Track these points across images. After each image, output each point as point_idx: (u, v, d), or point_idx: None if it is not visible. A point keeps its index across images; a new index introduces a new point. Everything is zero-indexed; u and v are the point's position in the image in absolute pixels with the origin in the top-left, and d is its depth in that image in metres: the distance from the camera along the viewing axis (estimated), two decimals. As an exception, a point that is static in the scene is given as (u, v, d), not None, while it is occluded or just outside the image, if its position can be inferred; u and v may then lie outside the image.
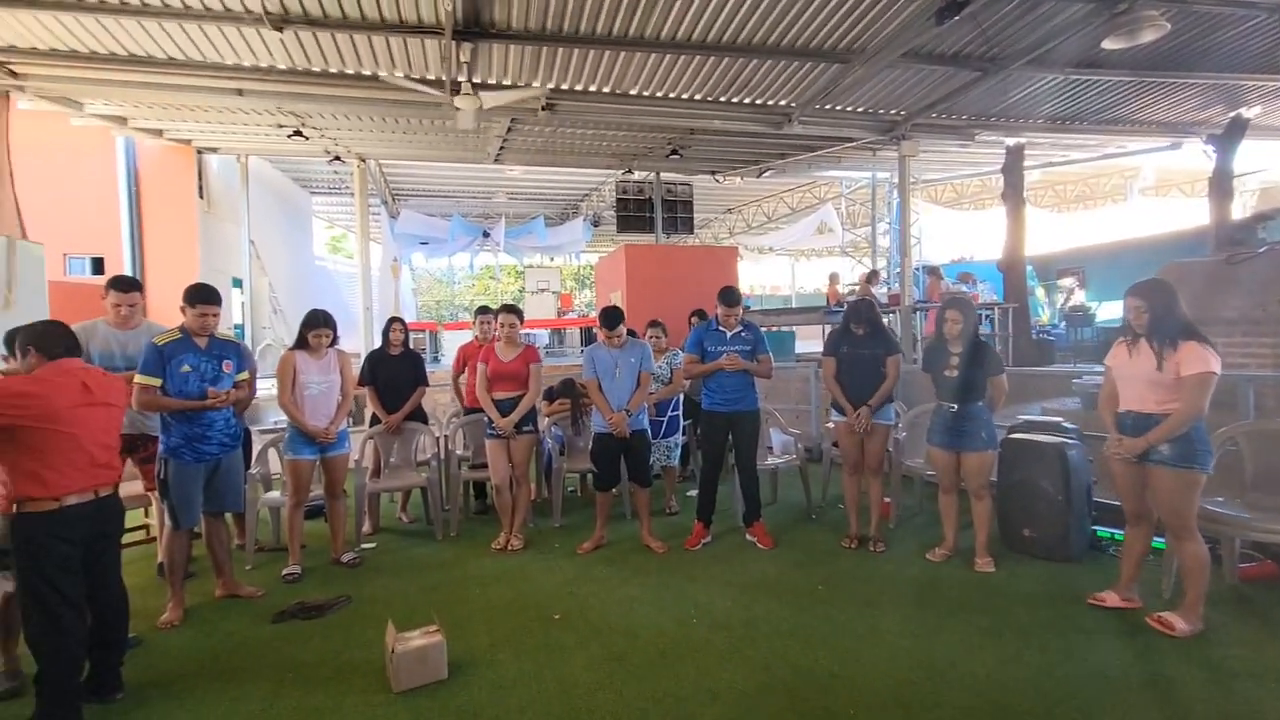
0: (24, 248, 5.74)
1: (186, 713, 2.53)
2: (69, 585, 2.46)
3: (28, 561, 2.43)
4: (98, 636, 2.59)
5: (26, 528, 2.43)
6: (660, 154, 9.60)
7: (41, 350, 2.55)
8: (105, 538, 2.67)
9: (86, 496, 2.52)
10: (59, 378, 2.51)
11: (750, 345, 4.14)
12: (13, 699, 2.64)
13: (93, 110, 7.81)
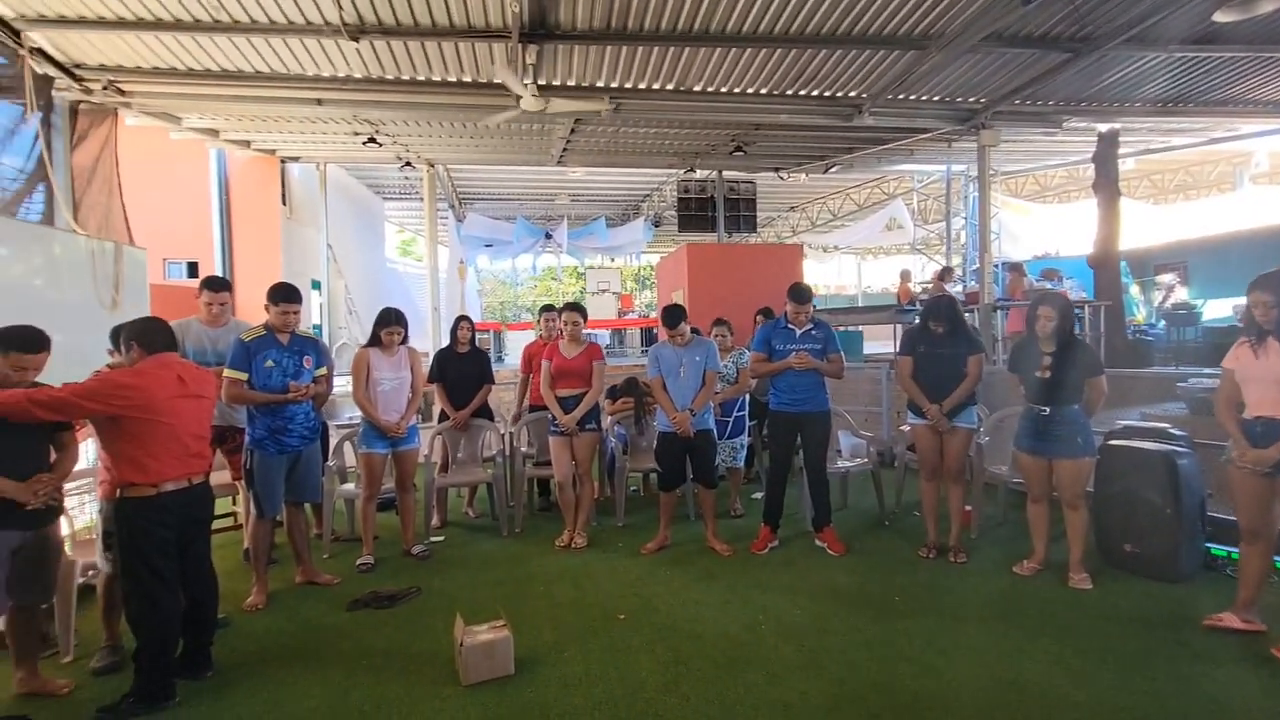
0: (129, 253, 6.18)
1: (269, 694, 2.62)
2: (166, 567, 2.60)
3: (129, 544, 2.58)
4: (190, 616, 2.73)
5: (128, 512, 2.58)
6: (723, 151, 9.47)
7: (143, 345, 2.71)
8: (198, 523, 2.81)
9: (182, 484, 2.65)
10: (158, 370, 2.66)
11: (821, 344, 4.00)
12: (113, 673, 2.82)
13: (189, 124, 8.34)
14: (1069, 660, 2.69)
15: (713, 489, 4.16)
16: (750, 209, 11.19)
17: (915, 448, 4.01)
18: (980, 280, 8.24)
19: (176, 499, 2.63)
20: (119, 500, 2.60)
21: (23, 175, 5.85)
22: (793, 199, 16.52)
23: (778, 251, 10.87)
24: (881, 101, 7.23)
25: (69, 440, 2.73)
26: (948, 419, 3.75)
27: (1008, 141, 9.25)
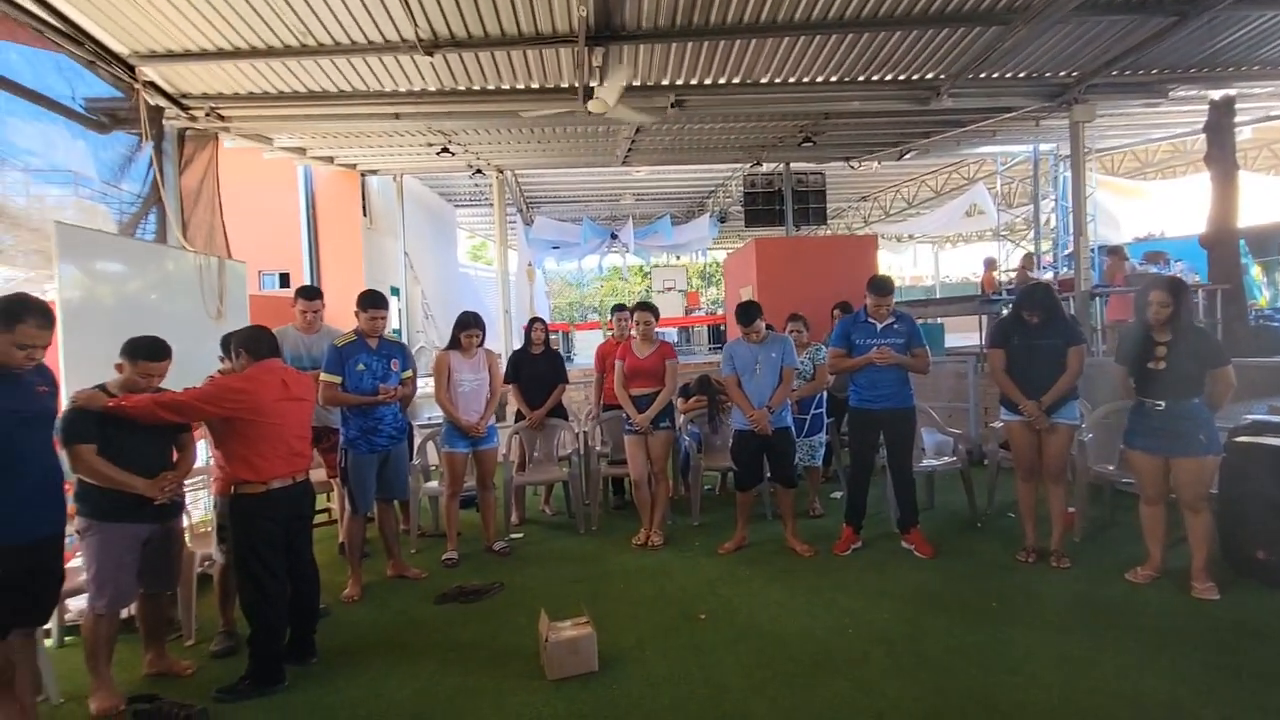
0: (231, 266, 6.65)
1: (368, 681, 2.75)
2: (274, 559, 2.77)
3: (241, 537, 2.76)
4: (295, 606, 2.89)
5: (240, 507, 2.77)
6: (791, 143, 9.25)
7: (250, 352, 2.89)
8: (301, 518, 2.98)
9: (287, 481, 2.82)
10: (264, 375, 2.84)
11: (904, 338, 3.83)
12: (229, 656, 3.03)
13: (280, 144, 8.89)
14: (1195, 675, 2.46)
15: (792, 488, 4.07)
16: (820, 200, 10.89)
17: (1010, 445, 3.78)
18: (1075, 266, 7.69)
19: (283, 495, 2.80)
20: (232, 496, 2.79)
21: (139, 199, 6.38)
22: (864, 188, 15.97)
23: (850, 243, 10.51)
24: (961, 82, 6.87)
25: (188, 441, 2.96)
26: (1046, 415, 3.51)
27: (1104, 116, 8.60)
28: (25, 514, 2.22)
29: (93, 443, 2.60)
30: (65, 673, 2.86)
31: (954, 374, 6.48)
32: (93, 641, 2.67)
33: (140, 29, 5.32)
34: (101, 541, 2.65)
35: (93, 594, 2.66)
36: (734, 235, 17.61)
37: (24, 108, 5.10)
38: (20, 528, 2.19)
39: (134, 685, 2.78)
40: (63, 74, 5.51)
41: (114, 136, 6.09)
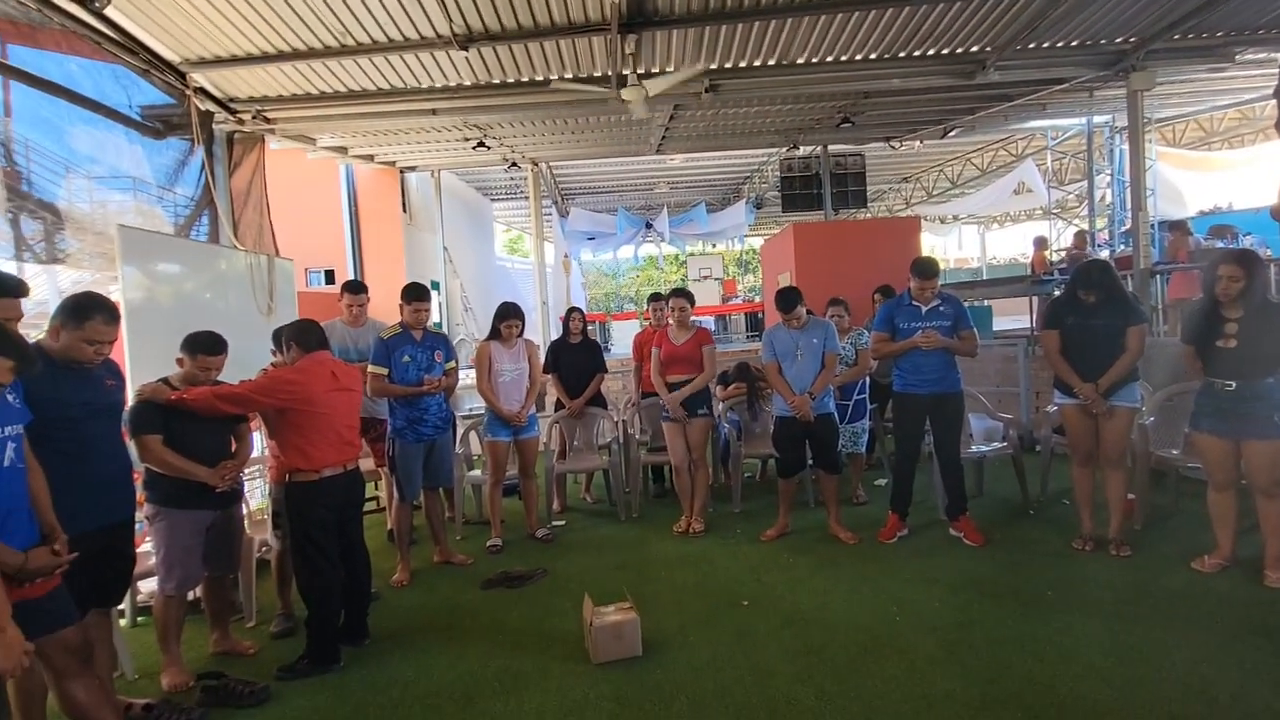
0: (279, 264, 6.87)
1: (419, 662, 2.83)
2: (327, 544, 2.87)
3: (296, 523, 2.86)
4: (348, 588, 2.99)
5: (295, 495, 2.87)
6: (829, 125, 9.04)
7: (300, 345, 2.99)
8: (352, 505, 3.07)
9: (337, 469, 2.91)
10: (315, 367, 2.92)
11: (950, 320, 3.71)
12: (288, 637, 3.15)
13: (323, 144, 9.12)
14: (1269, 668, 2.34)
15: (835, 475, 4.01)
16: (859, 183, 10.63)
17: (1064, 430, 3.64)
18: (1134, 243, 7.34)
19: (335, 483, 2.89)
20: (287, 485, 2.89)
21: (193, 201, 6.63)
22: (906, 169, 15.53)
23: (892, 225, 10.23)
24: (1009, 54, 6.58)
25: (245, 431, 3.07)
26: (1104, 398, 3.36)
27: (1164, 83, 8.14)
28: (98, 501, 2.34)
29: (158, 433, 2.72)
30: (139, 651, 3.02)
31: (1003, 358, 6.27)
32: (163, 621, 2.81)
33: (190, 36, 5.50)
34: (169, 527, 2.78)
35: (162, 576, 2.80)
36: (771, 221, 17.36)
37: (86, 117, 5.33)
38: (93, 514, 2.30)
39: (201, 663, 2.92)
40: (119, 83, 5.74)
41: (168, 142, 6.33)
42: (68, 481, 2.16)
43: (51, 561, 1.89)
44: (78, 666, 2.00)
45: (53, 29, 4.73)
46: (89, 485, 2.29)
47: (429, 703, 2.50)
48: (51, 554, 1.90)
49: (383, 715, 2.44)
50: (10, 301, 1.91)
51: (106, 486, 2.38)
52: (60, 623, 1.96)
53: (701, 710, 2.32)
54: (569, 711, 2.37)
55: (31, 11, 4.53)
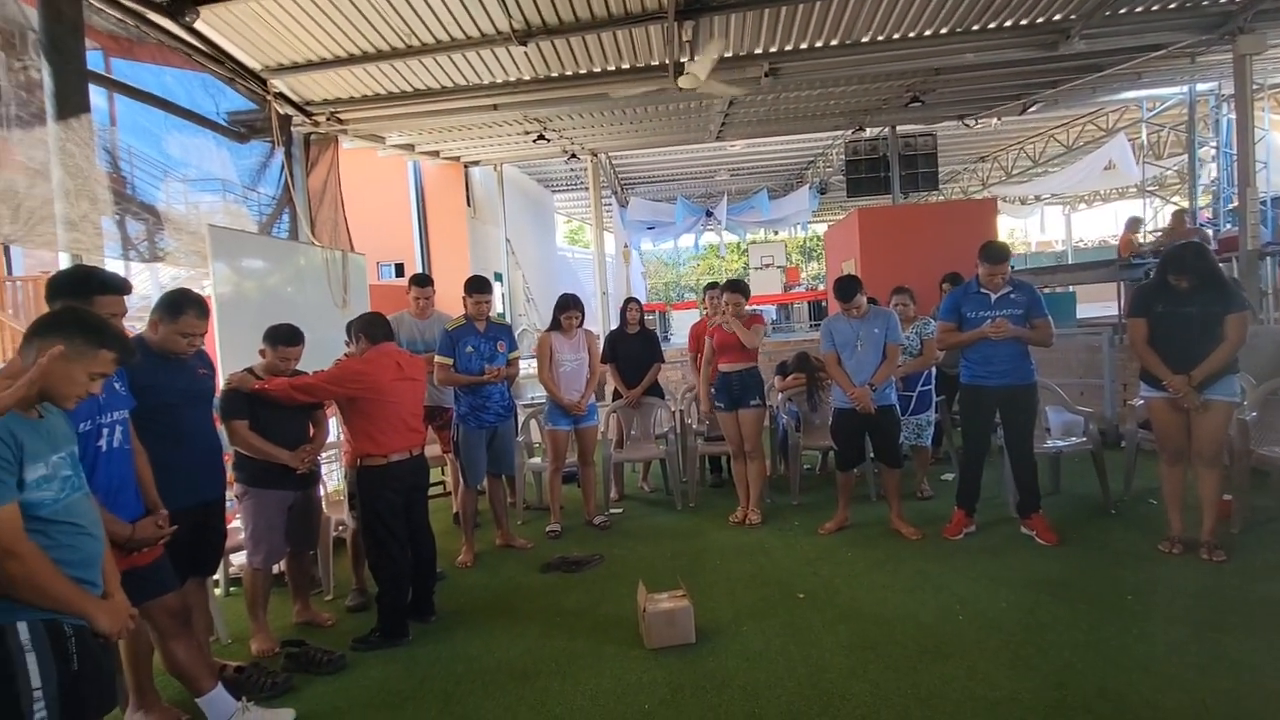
0: (353, 259, 7.22)
1: (482, 639, 2.95)
2: (397, 525, 3.03)
3: (367, 505, 3.03)
4: (415, 568, 3.15)
5: (365, 478, 3.03)
6: (897, 104, 8.67)
7: (368, 336, 3.15)
8: (418, 489, 3.23)
9: (404, 455, 3.06)
10: (381, 358, 3.08)
11: (1023, 308, 3.52)
12: (362, 611, 3.35)
13: (391, 142, 9.48)
14: (1386, 691, 2.13)
15: (897, 469, 3.90)
16: (930, 164, 10.17)
17: (1152, 425, 3.40)
18: (1240, 222, 6.72)
19: (401, 467, 3.04)
20: (359, 469, 3.07)
21: (273, 201, 7.05)
22: (981, 148, 14.73)
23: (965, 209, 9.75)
24: (1096, 21, 6.13)
25: (321, 418, 3.27)
26: (1197, 392, 3.12)
27: (1276, 46, 7.40)
28: (193, 480, 2.54)
29: (245, 419, 2.94)
30: (231, 618, 3.29)
31: (1086, 347, 5.90)
32: (251, 592, 3.05)
33: (270, 45, 5.82)
34: (256, 505, 3.00)
35: (250, 550, 3.03)
36: (835, 207, 16.88)
37: (179, 124, 5.74)
38: (189, 492, 2.51)
39: (285, 632, 3.14)
40: (208, 92, 6.15)
41: (251, 145, 6.73)
42: (166, 462, 2.37)
43: (155, 533, 2.09)
44: (179, 629, 2.21)
45: (150, 43, 5.11)
46: (185, 466, 2.50)
47: (490, 679, 2.61)
48: (155, 527, 2.10)
49: (447, 688, 2.56)
50: (115, 299, 2.10)
51: (200, 467, 2.59)
52: (163, 589, 2.16)
53: (754, 699, 2.33)
54: (623, 693, 2.43)
55: (131, 28, 4.91)
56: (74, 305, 1.80)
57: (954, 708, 2.20)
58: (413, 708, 2.45)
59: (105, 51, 5.00)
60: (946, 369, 4.56)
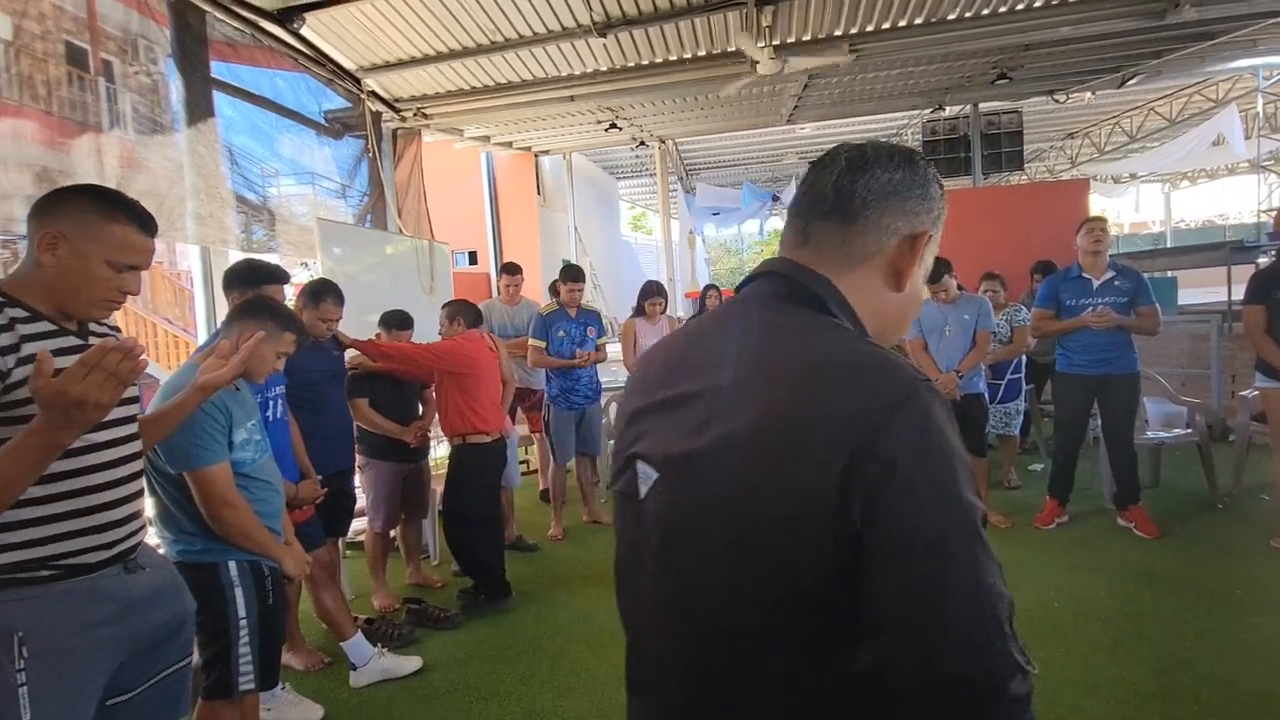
0: (437, 248, 7.60)
1: (579, 607, 3.16)
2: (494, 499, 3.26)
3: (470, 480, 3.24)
4: None
5: (472, 454, 3.24)
6: (981, 82, 8.34)
7: (464, 319, 3.37)
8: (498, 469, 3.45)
9: (496, 434, 3.29)
10: (476, 340, 3.30)
11: (1127, 295, 3.41)
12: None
13: (469, 135, 9.83)
14: None
15: (982, 458, 3.86)
16: (1015, 143, 9.71)
17: (1268, 418, 3.25)
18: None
19: (498, 444, 3.27)
20: (463, 445, 3.30)
21: (365, 194, 7.49)
22: (1072, 124, 13.88)
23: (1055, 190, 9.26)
24: (1209, -16, 5.73)
25: (429, 397, 3.54)
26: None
27: None
28: (330, 450, 2.83)
29: (366, 397, 3.23)
30: (351, 577, 3.62)
31: (1191, 336, 5.59)
32: (373, 554, 3.35)
33: (365, 45, 6.17)
34: (376, 474, 3.29)
35: (371, 516, 3.33)
36: (909, 189, 16.30)
37: (286, 124, 6.19)
38: (327, 461, 2.80)
39: (400, 591, 3.44)
40: (310, 92, 6.58)
41: (345, 141, 7.15)
42: (309, 434, 2.66)
43: (314, 492, 2.37)
44: (327, 580, 2.50)
45: (261, 49, 5.53)
46: (324, 437, 2.79)
47: (592, 639, 2.80)
48: (312, 488, 2.38)
49: (553, 647, 2.78)
50: (277, 287, 2.37)
51: (336, 438, 2.88)
52: (316, 543, 2.45)
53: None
54: (719, 660, 2.57)
55: (246, 35, 5.34)
56: (263, 295, 2.06)
57: (1053, 691, 2.23)
58: (525, 661, 2.67)
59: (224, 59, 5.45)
60: (1037, 357, 4.45)
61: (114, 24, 5.59)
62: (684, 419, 0.71)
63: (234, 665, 1.72)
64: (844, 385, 0.63)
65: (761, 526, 0.62)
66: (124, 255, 1.22)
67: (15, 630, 1.13)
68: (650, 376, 0.82)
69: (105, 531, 1.23)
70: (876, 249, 0.74)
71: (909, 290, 0.76)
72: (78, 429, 1.02)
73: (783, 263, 0.77)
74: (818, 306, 0.72)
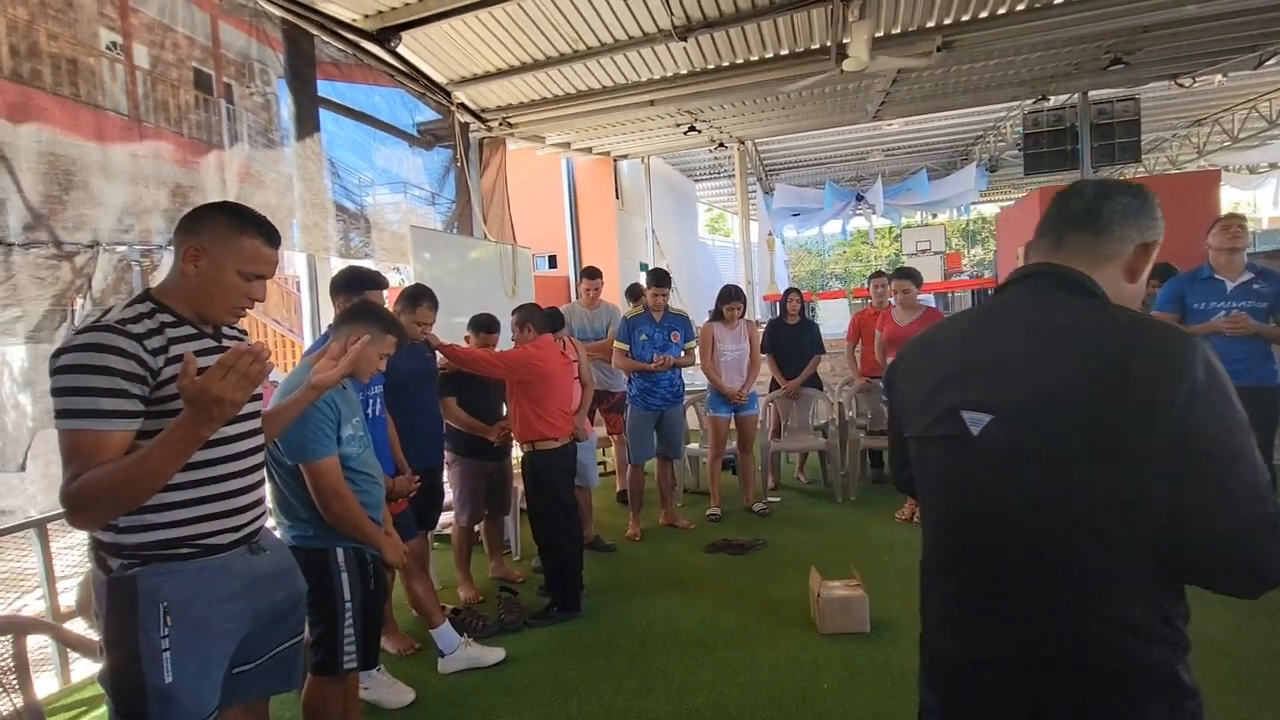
0: (519, 252, 7.85)
1: (657, 608, 3.17)
2: (571, 504, 3.30)
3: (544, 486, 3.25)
4: None
5: (543, 461, 3.25)
6: (1092, 68, 7.73)
7: (534, 325, 3.42)
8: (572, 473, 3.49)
9: (567, 439, 3.32)
10: (547, 347, 3.34)
11: (1268, 300, 3.06)
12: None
13: (551, 141, 10.09)
14: None
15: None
16: (1130, 133, 8.95)
17: None
18: None
19: (568, 449, 3.33)
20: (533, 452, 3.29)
21: (453, 201, 7.84)
22: (1198, 110, 12.63)
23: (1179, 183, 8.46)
24: (1369, -52, 5.08)
25: (510, 398, 3.65)
26: None
27: None
28: (422, 447, 2.98)
29: (453, 396, 3.37)
30: (438, 569, 3.78)
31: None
32: (459, 547, 3.50)
33: (455, 60, 6.46)
34: (462, 471, 3.44)
35: (457, 510, 3.48)
36: (1007, 185, 15.40)
37: (383, 137, 6.57)
38: (420, 457, 2.94)
39: (483, 584, 3.57)
40: (404, 106, 6.97)
41: (436, 151, 7.51)
42: (404, 431, 2.80)
43: (409, 485, 2.50)
44: (419, 570, 2.63)
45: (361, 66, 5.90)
46: (418, 434, 2.93)
47: (670, 642, 2.81)
48: (408, 482, 2.51)
49: (633, 647, 2.80)
50: (378, 293, 2.52)
51: (428, 436, 3.03)
52: (410, 535, 2.58)
53: (937, 695, 2.31)
54: (801, 671, 2.51)
55: (349, 55, 5.72)
56: (366, 300, 2.20)
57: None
58: (604, 659, 2.71)
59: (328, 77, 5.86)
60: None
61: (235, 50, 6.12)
62: (1003, 377, 0.98)
63: (339, 645, 1.85)
64: (1143, 336, 0.90)
65: (1090, 443, 0.88)
66: (253, 266, 1.35)
67: (161, 601, 1.27)
68: (943, 352, 1.10)
69: (234, 516, 1.36)
70: (1118, 253, 1.02)
71: (1139, 282, 1.04)
72: (216, 423, 1.15)
73: (1045, 265, 1.04)
74: (1083, 291, 0.99)
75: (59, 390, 1.17)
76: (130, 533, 1.26)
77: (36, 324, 3.63)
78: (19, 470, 3.39)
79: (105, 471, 1.15)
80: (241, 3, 4.57)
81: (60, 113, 4.22)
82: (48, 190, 3.65)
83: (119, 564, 1.27)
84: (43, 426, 3.64)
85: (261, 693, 1.50)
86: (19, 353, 3.59)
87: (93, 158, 3.95)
